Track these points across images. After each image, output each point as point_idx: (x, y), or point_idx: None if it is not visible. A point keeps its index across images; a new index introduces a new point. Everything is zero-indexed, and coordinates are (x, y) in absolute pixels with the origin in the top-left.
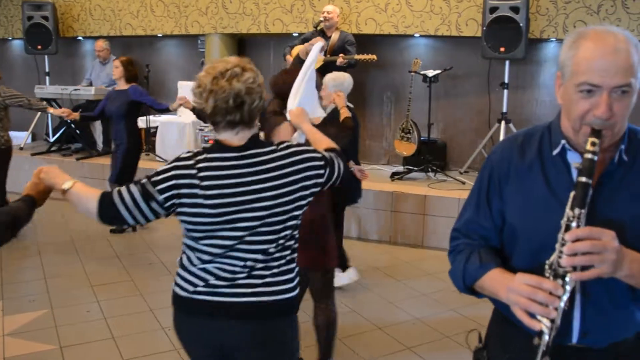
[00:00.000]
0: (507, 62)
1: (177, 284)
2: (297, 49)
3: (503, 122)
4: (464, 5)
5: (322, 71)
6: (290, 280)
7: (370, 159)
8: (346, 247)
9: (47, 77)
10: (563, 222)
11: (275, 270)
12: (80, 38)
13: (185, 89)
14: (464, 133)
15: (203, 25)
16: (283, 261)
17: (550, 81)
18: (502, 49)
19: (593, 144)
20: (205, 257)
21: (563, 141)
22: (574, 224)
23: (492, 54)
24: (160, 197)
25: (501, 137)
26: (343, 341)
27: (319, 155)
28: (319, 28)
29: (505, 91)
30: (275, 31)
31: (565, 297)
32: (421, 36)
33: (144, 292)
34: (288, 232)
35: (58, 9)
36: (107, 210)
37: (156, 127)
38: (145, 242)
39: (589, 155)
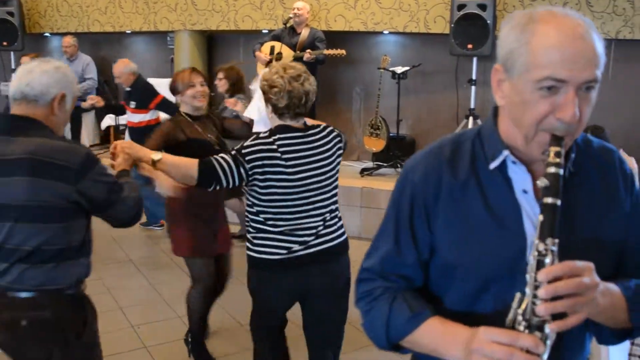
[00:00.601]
0: (474, 59)
1: (264, 252)
2: (267, 46)
3: (471, 118)
4: (433, 2)
5: None
6: (342, 225)
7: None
8: None
9: (13, 74)
10: (533, 256)
11: (336, 220)
12: (47, 34)
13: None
14: (432, 129)
15: (172, 22)
16: (337, 212)
17: None
18: (469, 46)
19: (557, 154)
20: (288, 217)
21: (505, 152)
22: (547, 260)
23: (460, 50)
24: (248, 166)
25: None
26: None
27: (338, 132)
28: (288, 25)
29: (473, 87)
30: (245, 28)
31: (545, 356)
32: (390, 33)
33: (113, 289)
34: (336, 190)
35: (24, 4)
36: (209, 174)
37: (125, 125)
38: (113, 238)
39: (552, 169)
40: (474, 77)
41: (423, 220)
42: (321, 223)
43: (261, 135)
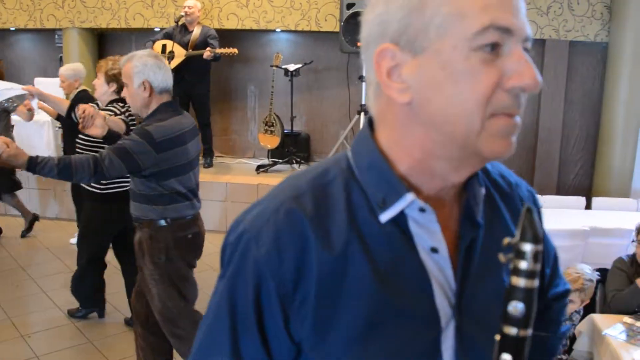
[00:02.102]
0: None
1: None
2: (159, 44)
3: (362, 114)
4: (323, 1)
5: (184, 65)
6: None
7: (236, 153)
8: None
9: None
10: None
11: None
12: None
13: (42, 85)
14: (326, 125)
15: (59, 19)
16: None
17: None
18: (358, 44)
19: (535, 256)
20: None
21: (409, 195)
22: None
23: (350, 48)
24: None
25: (361, 128)
26: None
27: None
28: (180, 23)
29: (364, 84)
30: (136, 26)
31: None
32: (282, 31)
33: (2, 299)
34: None
35: None
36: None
37: (12, 126)
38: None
39: (521, 283)
40: (364, 74)
41: (278, 319)
42: None
43: None
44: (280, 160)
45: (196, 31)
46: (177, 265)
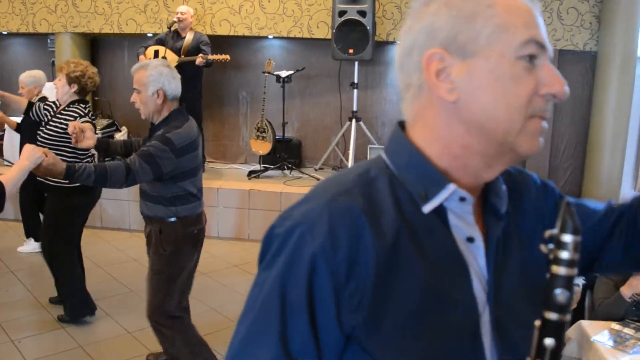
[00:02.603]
0: (356, 63)
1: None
2: (151, 50)
3: (354, 120)
4: (315, 8)
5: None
6: None
7: (228, 159)
8: (206, 246)
9: None
10: None
11: None
12: None
13: None
14: (317, 131)
15: (52, 24)
16: None
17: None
18: (350, 51)
19: (575, 246)
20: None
21: (451, 186)
22: None
23: (341, 55)
24: None
25: (352, 134)
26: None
27: None
28: (172, 28)
29: (355, 91)
30: (129, 31)
31: None
32: (274, 38)
33: None
34: None
35: None
36: None
37: (4, 131)
38: None
39: (562, 271)
40: (355, 81)
41: (330, 310)
42: None
43: None
44: (272, 166)
45: (189, 37)
46: (181, 259)
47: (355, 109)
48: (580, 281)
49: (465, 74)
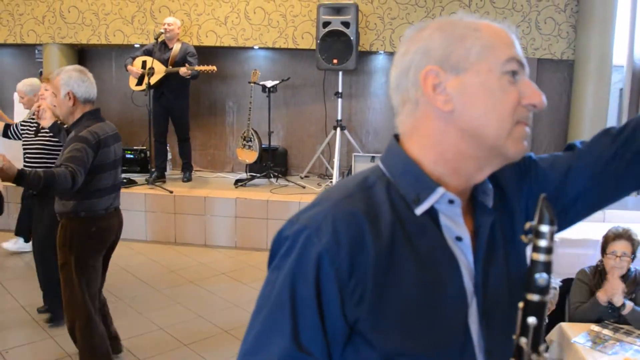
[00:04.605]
0: (340, 73)
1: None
2: (139, 60)
3: (338, 129)
4: (300, 19)
5: (164, 81)
6: None
7: (215, 167)
8: (194, 254)
9: None
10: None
11: None
12: None
13: None
14: (303, 140)
15: (40, 35)
16: None
17: (381, 90)
18: (335, 61)
19: (552, 235)
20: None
21: (440, 189)
22: None
23: (326, 65)
24: None
25: (337, 143)
26: (190, 347)
27: None
28: (159, 39)
29: (340, 100)
30: (116, 42)
31: None
32: (260, 48)
33: None
34: None
35: None
36: None
37: None
38: None
39: (541, 257)
40: (340, 90)
41: (336, 302)
42: None
43: None
44: (258, 175)
45: (176, 48)
46: (82, 254)
47: (339, 117)
48: (557, 283)
49: (459, 87)
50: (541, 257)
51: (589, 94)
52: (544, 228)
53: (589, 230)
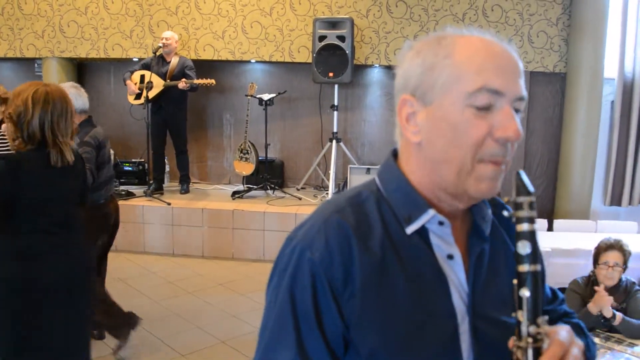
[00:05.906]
0: (336, 86)
1: None
2: (137, 74)
3: (334, 141)
4: (296, 33)
5: (162, 95)
6: None
7: (212, 179)
8: (192, 265)
9: None
10: (525, 343)
11: None
12: None
13: None
14: (299, 152)
15: (39, 49)
16: None
17: (376, 102)
18: (330, 74)
19: (531, 206)
20: None
21: (430, 211)
22: (545, 345)
23: (322, 78)
24: None
25: (333, 155)
26: (187, 357)
27: None
28: (158, 53)
29: (335, 112)
30: (115, 56)
31: None
32: (257, 62)
33: None
34: None
35: None
36: None
37: None
38: None
39: (525, 227)
40: (335, 103)
41: (334, 314)
42: None
43: None
44: (255, 187)
45: (174, 62)
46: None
47: (335, 130)
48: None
49: (426, 120)
50: (525, 226)
51: (580, 107)
52: (522, 199)
53: (581, 240)
